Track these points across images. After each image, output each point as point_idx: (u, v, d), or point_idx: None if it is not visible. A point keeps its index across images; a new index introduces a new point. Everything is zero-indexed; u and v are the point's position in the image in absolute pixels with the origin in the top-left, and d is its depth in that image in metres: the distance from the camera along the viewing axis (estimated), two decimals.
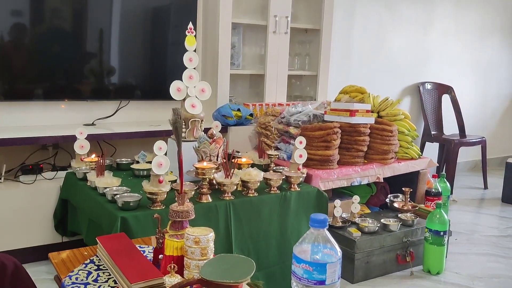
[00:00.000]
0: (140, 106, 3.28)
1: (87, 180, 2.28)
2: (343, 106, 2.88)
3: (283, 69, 3.61)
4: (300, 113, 2.95)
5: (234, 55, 3.54)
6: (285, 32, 3.54)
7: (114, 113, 3.17)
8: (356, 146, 2.85)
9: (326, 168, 2.73)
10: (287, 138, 2.95)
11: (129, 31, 3.10)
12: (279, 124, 3.01)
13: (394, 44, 4.54)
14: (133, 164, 2.59)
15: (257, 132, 3.19)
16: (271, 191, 2.29)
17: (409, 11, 4.56)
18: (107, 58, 3.06)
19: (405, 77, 4.69)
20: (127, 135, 2.89)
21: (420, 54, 4.74)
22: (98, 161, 2.30)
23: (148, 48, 3.21)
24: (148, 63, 3.24)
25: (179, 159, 1.35)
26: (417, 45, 4.71)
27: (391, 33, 4.50)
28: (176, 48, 3.18)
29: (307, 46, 3.91)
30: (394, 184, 3.10)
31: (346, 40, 4.20)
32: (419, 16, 4.64)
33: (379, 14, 4.39)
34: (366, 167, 2.88)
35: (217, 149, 2.25)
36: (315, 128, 2.78)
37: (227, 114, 3.11)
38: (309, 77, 3.93)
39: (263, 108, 3.41)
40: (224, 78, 3.33)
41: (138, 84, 3.20)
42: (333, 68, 3.97)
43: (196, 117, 2.38)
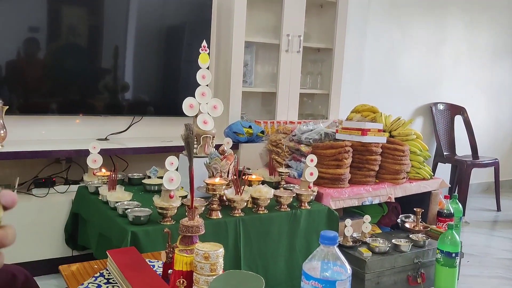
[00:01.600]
0: (153, 122, 3.31)
1: (98, 194, 2.29)
2: (355, 125, 2.88)
3: (295, 88, 3.62)
4: (312, 131, 2.96)
5: (246, 73, 3.57)
6: (298, 51, 3.57)
7: (127, 129, 3.20)
8: (368, 165, 2.83)
9: (337, 187, 2.72)
10: (298, 156, 2.95)
11: (143, 48, 3.14)
12: (290, 142, 3.01)
13: (406, 64, 4.55)
14: (144, 179, 2.61)
15: (268, 150, 3.19)
16: (281, 209, 2.28)
17: (421, 32, 4.57)
18: (121, 74, 3.10)
19: (417, 97, 4.68)
20: (139, 150, 2.91)
21: (433, 75, 4.74)
22: (110, 175, 2.31)
23: (162, 65, 3.25)
24: (161, 80, 3.27)
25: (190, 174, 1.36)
26: (429, 66, 4.71)
27: (403, 53, 4.51)
28: (189, 66, 3.21)
29: (320, 65, 3.93)
30: (405, 204, 3.08)
31: (358, 59, 4.21)
32: (430, 36, 4.65)
33: (391, 34, 4.40)
34: (378, 186, 2.86)
35: (228, 165, 2.25)
36: (327, 146, 2.77)
37: (239, 131, 3.13)
38: (321, 96, 3.94)
39: (274, 126, 3.43)
40: (236, 96, 3.35)
41: (151, 100, 3.24)
42: (345, 87, 3.98)
43: (208, 133, 2.39)
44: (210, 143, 2.44)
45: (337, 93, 3.85)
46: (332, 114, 3.83)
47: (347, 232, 2.56)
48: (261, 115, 3.75)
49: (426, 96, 4.73)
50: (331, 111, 3.83)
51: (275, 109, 3.59)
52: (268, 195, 2.22)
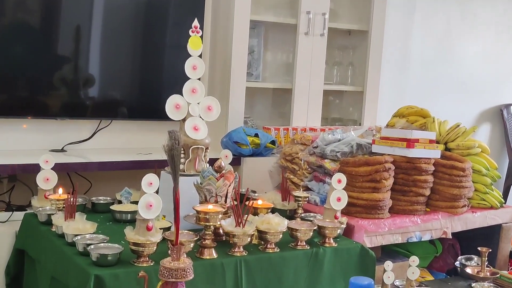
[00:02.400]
0: (126, 127, 3.31)
1: (51, 225, 2.29)
2: (398, 133, 2.87)
3: (317, 83, 3.62)
4: (340, 142, 2.95)
5: (252, 63, 3.57)
6: (321, 34, 3.56)
7: (91, 136, 3.20)
8: (415, 189, 2.82)
9: (374, 218, 2.71)
10: (321, 175, 2.94)
11: (114, 29, 3.15)
12: (310, 155, 3.00)
13: (467, 53, 4.54)
14: (113, 204, 2.59)
15: (280, 166, 3.18)
16: (297, 246, 2.27)
17: (487, 12, 4.56)
18: (84, 64, 3.11)
19: (483, 97, 4.66)
20: (107, 165, 2.90)
21: (503, 68, 4.72)
22: (67, 199, 2.31)
23: (139, 52, 3.26)
24: (139, 72, 3.28)
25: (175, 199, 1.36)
26: (499, 55, 4.69)
27: (463, 39, 4.50)
28: (175, 53, 3.22)
29: (350, 52, 3.93)
30: (466, 241, 3.05)
31: (403, 46, 4.21)
32: (500, 17, 4.64)
33: (448, 13, 4.40)
34: (429, 217, 2.84)
35: (226, 187, 2.24)
36: (360, 162, 2.76)
37: (241, 140, 3.12)
38: (352, 94, 3.93)
39: (289, 134, 3.42)
40: (238, 93, 3.36)
41: (124, 99, 3.24)
42: (385, 83, 3.97)
43: (200, 143, 2.39)
44: (203, 156, 2.43)
45: (375, 91, 3.84)
46: (368, 118, 3.82)
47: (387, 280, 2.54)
48: (272, 119, 3.74)
49: (495, 96, 4.72)
50: (366, 114, 3.83)
51: (291, 111, 3.58)
52: (280, 228, 2.20)
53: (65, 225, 2.18)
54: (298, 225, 2.31)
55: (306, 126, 3.54)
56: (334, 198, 2.45)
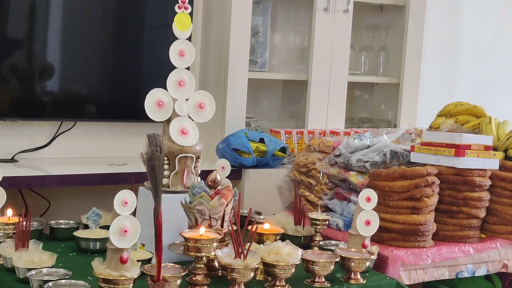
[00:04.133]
0: (95, 130, 3.32)
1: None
2: (444, 138, 2.86)
3: (340, 73, 3.63)
4: (369, 149, 2.95)
5: (256, 48, 3.58)
6: (345, 9, 3.56)
7: (49, 142, 3.21)
8: (467, 209, 2.82)
9: (413, 246, 2.70)
10: (345, 192, 2.94)
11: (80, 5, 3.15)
12: (331, 166, 3.00)
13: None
14: (78, 230, 2.59)
15: (293, 180, 3.18)
16: (315, 284, 2.27)
17: None
18: (41, 50, 3.12)
19: None
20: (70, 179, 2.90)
21: None
22: (19, 223, 2.31)
23: (111, 33, 3.26)
24: (111, 59, 3.29)
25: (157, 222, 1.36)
26: None
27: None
28: (157, 35, 3.23)
29: (383, 34, 3.94)
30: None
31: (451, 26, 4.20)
32: None
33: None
34: (485, 246, 2.84)
35: (222, 207, 2.24)
36: (395, 175, 2.76)
37: (242, 147, 3.13)
38: (385, 87, 3.94)
39: (304, 139, 3.42)
40: (238, 87, 3.36)
41: (91, 94, 3.25)
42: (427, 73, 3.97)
43: (189, 151, 2.39)
44: (193, 168, 2.43)
45: (414, 83, 3.84)
46: (405, 119, 3.82)
47: None
48: (282, 120, 3.75)
49: None
50: (402, 113, 3.83)
51: (306, 110, 3.59)
52: (292, 260, 2.19)
53: (16, 256, 2.17)
54: (316, 256, 2.31)
55: (325, 129, 3.54)
56: (361, 221, 2.44)
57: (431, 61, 4.04)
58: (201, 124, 2.47)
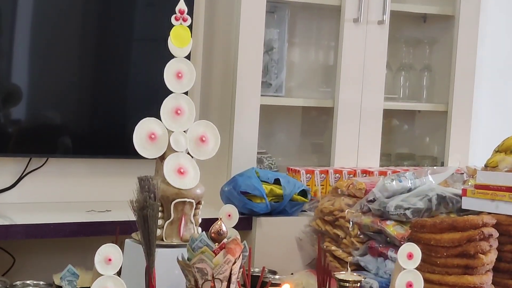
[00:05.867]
0: (71, 169, 3.36)
1: None
2: (504, 180, 2.88)
3: (374, 98, 3.66)
4: (410, 193, 2.97)
5: (270, 67, 3.61)
6: (380, 20, 3.61)
7: (15, 184, 3.25)
8: None
9: None
10: (381, 247, 2.95)
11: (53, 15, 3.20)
12: (363, 214, 3.02)
13: None
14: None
15: (315, 231, 3.19)
16: None
17: None
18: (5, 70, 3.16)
19: None
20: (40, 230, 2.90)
21: None
22: None
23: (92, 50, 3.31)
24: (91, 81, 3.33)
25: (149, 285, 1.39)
26: None
27: None
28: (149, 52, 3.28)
29: (427, 50, 3.98)
30: None
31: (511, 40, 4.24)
32: None
33: None
34: None
35: (229, 265, 2.26)
36: (443, 226, 2.77)
37: (253, 190, 3.15)
38: (430, 116, 3.97)
39: (329, 180, 3.45)
40: (248, 115, 3.40)
41: (67, 124, 3.29)
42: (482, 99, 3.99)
43: (187, 195, 2.41)
44: (192, 216, 2.46)
45: (466, 111, 3.87)
46: (455, 155, 3.84)
47: None
48: (302, 156, 3.78)
49: None
50: (451, 148, 3.85)
51: (332, 143, 3.61)
52: None
53: None
54: None
55: (356, 168, 3.57)
56: (402, 283, 2.45)
57: (487, 84, 4.07)
58: (203, 162, 2.50)
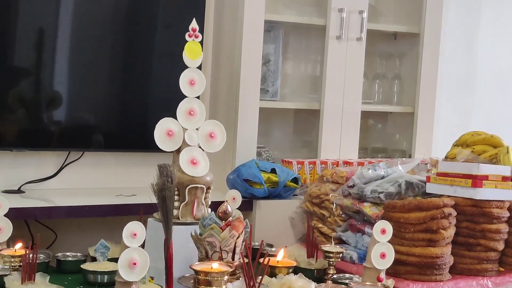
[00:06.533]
0: (102, 160, 3.34)
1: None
2: (461, 168, 2.86)
3: (353, 102, 3.64)
4: (383, 180, 2.95)
5: (267, 76, 3.59)
6: (358, 37, 3.59)
7: (57, 173, 3.23)
8: (485, 241, 2.80)
9: (430, 280, 2.69)
10: (359, 224, 2.94)
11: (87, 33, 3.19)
12: (345, 198, 3.00)
13: None
14: (85, 262, 2.60)
15: (305, 212, 3.18)
16: None
17: None
18: (48, 79, 3.15)
19: None
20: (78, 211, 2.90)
21: None
22: (25, 255, 2.32)
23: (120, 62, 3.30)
24: (119, 88, 3.32)
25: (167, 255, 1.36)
26: None
27: None
28: (167, 64, 3.25)
29: (397, 62, 3.95)
30: None
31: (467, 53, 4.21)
32: None
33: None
34: (503, 279, 2.82)
35: (233, 239, 2.24)
36: (410, 206, 2.75)
37: (253, 178, 3.14)
38: (400, 116, 3.95)
39: (316, 170, 3.43)
40: (249, 116, 3.38)
41: (99, 124, 3.28)
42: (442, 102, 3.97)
43: (199, 182, 2.40)
44: (203, 199, 2.44)
45: (429, 112, 3.85)
46: (420, 149, 3.82)
47: None
48: (294, 150, 3.76)
49: None
50: (417, 143, 3.83)
51: (318, 139, 3.60)
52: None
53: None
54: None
55: (339, 159, 3.55)
56: (376, 254, 2.43)
57: (447, 90, 4.05)
58: (212, 154, 2.48)
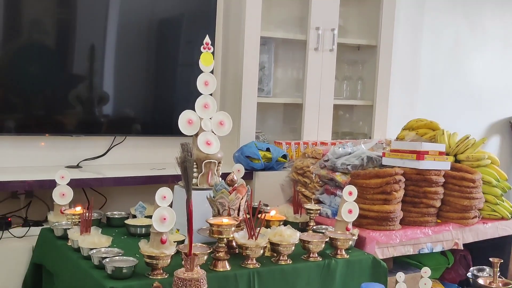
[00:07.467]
0: (140, 143, 3.35)
1: (67, 239, 2.31)
2: (408, 146, 2.87)
3: (327, 97, 3.64)
4: (350, 155, 2.95)
5: (263, 79, 3.59)
6: (331, 49, 3.59)
7: (106, 152, 3.23)
8: (426, 200, 2.81)
9: (385, 229, 2.70)
10: (332, 188, 2.94)
11: (128, 47, 3.20)
12: (321, 169, 3.01)
13: (476, 66, 4.53)
14: (128, 218, 2.62)
15: (292, 180, 3.19)
16: (310, 258, 2.27)
17: (496, 24, 4.57)
18: (99, 82, 3.15)
19: (492, 109, 4.65)
20: (122, 181, 2.92)
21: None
22: (83, 214, 2.33)
23: (152, 69, 3.30)
24: (152, 89, 3.31)
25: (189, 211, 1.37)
26: (508, 69, 4.68)
27: (472, 52, 4.50)
28: (188, 70, 3.25)
29: (360, 67, 3.94)
30: (478, 252, 3.04)
31: (412, 60, 4.21)
32: (509, 31, 4.64)
33: (456, 27, 4.41)
34: (440, 228, 2.83)
35: (238, 200, 2.25)
36: (370, 175, 2.76)
37: (253, 155, 3.14)
38: (362, 108, 3.95)
39: (300, 148, 3.43)
40: (249, 108, 3.38)
41: (137, 115, 3.28)
42: (394, 97, 3.98)
43: (212, 158, 2.41)
44: (215, 170, 2.44)
45: (384, 105, 3.85)
46: (378, 132, 3.83)
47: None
48: (283, 134, 3.76)
49: (504, 108, 4.70)
50: (375, 128, 3.83)
51: (301, 126, 3.60)
52: (292, 240, 2.20)
53: (81, 239, 2.20)
54: (310, 237, 2.31)
55: (317, 140, 3.55)
56: (345, 210, 2.45)
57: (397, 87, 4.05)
58: (221, 137, 2.49)
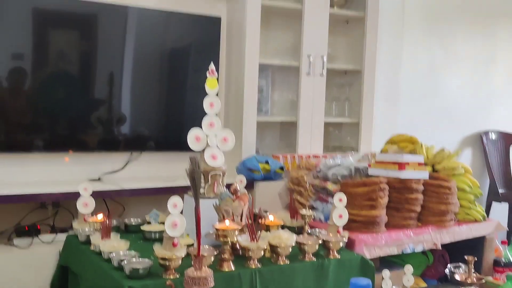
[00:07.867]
0: (154, 158, 3.35)
1: (90, 244, 2.30)
2: (391, 158, 2.87)
3: (318, 116, 3.65)
4: (340, 166, 2.95)
5: (261, 100, 3.60)
6: (321, 73, 3.60)
7: (123, 167, 3.24)
8: (408, 206, 2.81)
9: (372, 232, 2.69)
10: (324, 196, 2.94)
11: (142, 74, 3.21)
12: (314, 179, 3.01)
13: (450, 87, 4.54)
14: (143, 225, 2.61)
15: (288, 189, 3.18)
16: (305, 258, 2.26)
17: (466, 48, 4.58)
18: (117, 105, 3.16)
19: (464, 125, 4.65)
20: (138, 191, 2.93)
21: (482, 98, 4.72)
22: (103, 221, 2.33)
23: (164, 93, 3.31)
24: (164, 110, 3.33)
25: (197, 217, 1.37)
26: (478, 88, 4.69)
27: (446, 74, 4.51)
28: (195, 93, 3.26)
29: (347, 89, 3.95)
30: (454, 252, 3.02)
31: (393, 82, 4.22)
32: (479, 53, 4.66)
33: (431, 52, 4.42)
34: (420, 231, 2.82)
35: (241, 207, 2.25)
36: (358, 183, 2.76)
37: (253, 167, 3.14)
38: (349, 125, 3.95)
39: (295, 161, 3.43)
40: (250, 126, 3.38)
41: (151, 134, 3.29)
42: (378, 115, 3.98)
43: (217, 170, 2.41)
44: (220, 181, 2.45)
45: (369, 122, 3.86)
46: (364, 146, 3.83)
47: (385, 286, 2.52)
48: (280, 148, 3.76)
49: (475, 124, 4.70)
50: (362, 142, 3.83)
51: (296, 141, 3.60)
52: (289, 242, 2.20)
53: (102, 243, 2.20)
54: (305, 239, 2.31)
55: (310, 154, 3.55)
56: (336, 215, 2.45)
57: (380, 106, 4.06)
58: (225, 152, 2.49)
